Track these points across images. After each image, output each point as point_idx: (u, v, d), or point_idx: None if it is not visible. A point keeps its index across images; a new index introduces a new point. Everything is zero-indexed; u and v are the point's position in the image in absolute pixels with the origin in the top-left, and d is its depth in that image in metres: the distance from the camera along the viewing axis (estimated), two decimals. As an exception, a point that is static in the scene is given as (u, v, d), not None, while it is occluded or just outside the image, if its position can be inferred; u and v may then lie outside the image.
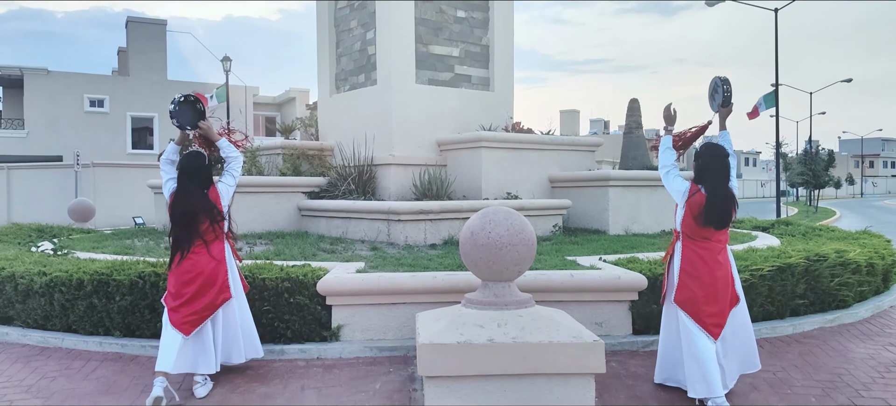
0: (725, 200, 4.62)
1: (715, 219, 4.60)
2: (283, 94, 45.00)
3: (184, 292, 4.80)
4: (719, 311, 4.62)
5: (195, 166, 4.95)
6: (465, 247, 4.59)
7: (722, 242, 4.71)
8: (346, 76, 11.43)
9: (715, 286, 4.60)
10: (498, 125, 10.78)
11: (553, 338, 4.24)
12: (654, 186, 10.27)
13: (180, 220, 4.86)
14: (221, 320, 4.93)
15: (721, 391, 4.45)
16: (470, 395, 4.21)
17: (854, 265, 6.81)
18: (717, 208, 4.59)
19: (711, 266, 4.61)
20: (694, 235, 4.68)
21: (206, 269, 4.84)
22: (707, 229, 4.61)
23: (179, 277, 4.85)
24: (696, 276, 4.64)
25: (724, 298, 4.65)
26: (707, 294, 4.60)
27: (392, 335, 5.71)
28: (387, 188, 9.94)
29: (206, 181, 4.98)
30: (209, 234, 4.90)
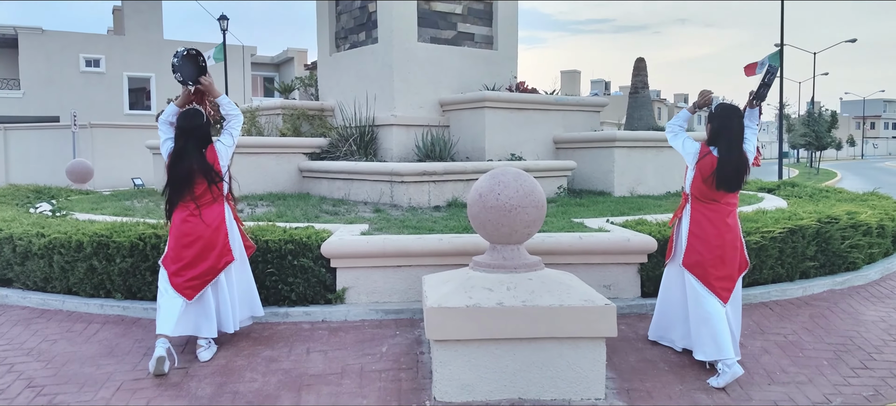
0: (739, 163, 4.52)
1: (726, 181, 4.52)
2: (280, 53, 44.52)
3: (184, 256, 4.72)
4: (728, 274, 4.57)
5: (193, 125, 4.80)
6: (473, 209, 4.48)
7: (731, 205, 4.63)
8: (345, 34, 11.21)
9: (723, 249, 4.55)
10: (501, 85, 10.59)
11: (564, 301, 4.16)
12: (659, 147, 10.13)
13: (177, 181, 4.74)
14: (224, 283, 4.84)
15: (732, 353, 4.40)
16: (478, 359, 4.15)
17: (865, 227, 6.71)
18: (730, 171, 4.50)
19: (720, 229, 4.55)
20: (703, 198, 4.61)
21: (206, 232, 4.75)
22: (717, 192, 4.54)
23: (179, 240, 4.76)
24: (705, 238, 4.58)
25: (733, 262, 4.59)
26: (715, 257, 4.55)
27: (397, 298, 5.64)
28: (389, 149, 9.80)
29: (203, 140, 4.83)
30: (207, 196, 4.78)
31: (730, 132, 4.56)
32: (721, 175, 4.49)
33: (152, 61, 35.34)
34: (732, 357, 4.38)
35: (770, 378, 4.52)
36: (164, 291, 4.71)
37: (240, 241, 5.01)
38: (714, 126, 4.64)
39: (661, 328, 5.01)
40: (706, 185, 4.56)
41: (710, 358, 4.48)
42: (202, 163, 4.76)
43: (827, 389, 4.38)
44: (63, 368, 4.62)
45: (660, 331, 5.03)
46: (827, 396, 4.29)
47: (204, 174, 4.74)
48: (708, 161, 4.57)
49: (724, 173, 4.49)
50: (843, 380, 4.52)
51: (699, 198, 4.64)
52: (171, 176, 4.76)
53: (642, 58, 11.21)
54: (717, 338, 4.39)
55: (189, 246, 4.73)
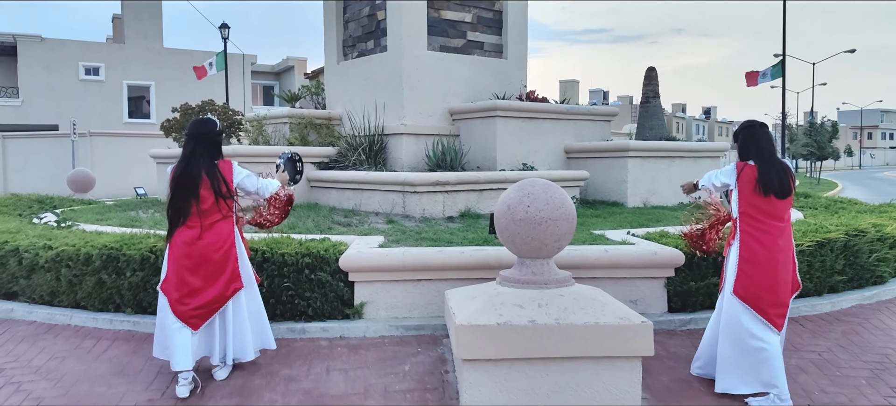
0: (779, 168, 4.30)
1: (773, 184, 4.24)
2: (281, 62, 44.43)
3: (188, 281, 4.31)
4: (782, 300, 4.26)
5: (204, 131, 4.44)
6: (501, 222, 4.31)
7: (784, 224, 4.30)
8: (353, 42, 11.06)
9: (776, 272, 4.23)
10: (512, 94, 10.45)
11: (599, 319, 3.99)
12: (672, 157, 10.00)
13: (182, 190, 4.31)
14: (231, 312, 4.49)
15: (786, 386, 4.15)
16: (509, 380, 3.97)
17: (892, 240, 6.57)
18: (771, 174, 4.26)
19: (772, 250, 4.23)
20: (754, 213, 4.27)
21: (214, 256, 4.32)
22: (768, 199, 4.22)
23: (180, 262, 4.31)
24: (755, 261, 4.24)
25: (787, 286, 4.30)
26: (769, 282, 4.22)
27: (418, 313, 5.46)
28: (398, 159, 9.64)
29: (215, 148, 4.47)
30: (215, 212, 4.34)
31: (757, 143, 4.36)
32: (765, 180, 4.24)
33: (152, 69, 35.17)
34: (786, 390, 4.14)
35: (809, 398, 4.35)
36: (170, 324, 4.31)
37: (249, 266, 4.65)
38: (740, 143, 4.45)
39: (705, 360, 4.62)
40: (755, 195, 4.27)
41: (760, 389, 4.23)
42: (211, 170, 4.36)
43: (869, 410, 4.21)
44: (73, 388, 4.43)
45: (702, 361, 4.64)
46: (870, 418, 4.12)
47: (212, 183, 4.33)
48: (748, 171, 4.33)
49: (767, 178, 4.24)
50: (884, 400, 4.35)
51: (750, 214, 4.29)
52: (175, 184, 4.35)
53: (653, 67, 11.08)
54: (776, 369, 4.13)
55: (194, 270, 4.31)
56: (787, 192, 4.26)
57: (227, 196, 4.41)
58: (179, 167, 4.40)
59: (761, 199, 4.25)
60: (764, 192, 4.24)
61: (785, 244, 4.30)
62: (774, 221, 4.27)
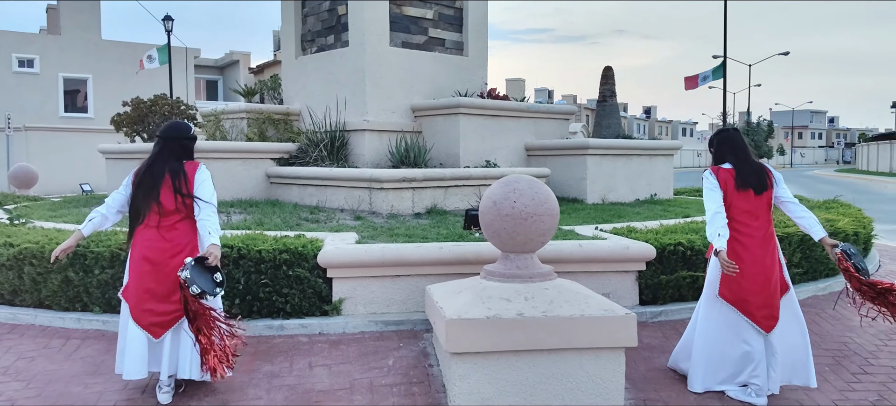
0: (755, 167, 4.42)
1: (751, 178, 4.32)
2: (224, 56, 43.55)
3: (149, 287, 4.04)
4: (769, 301, 4.30)
5: (174, 134, 4.25)
6: (487, 217, 4.37)
7: (766, 222, 4.38)
8: (312, 37, 10.96)
9: (763, 274, 4.28)
10: (473, 91, 10.53)
11: (584, 311, 4.09)
12: (629, 155, 10.25)
13: (145, 187, 4.10)
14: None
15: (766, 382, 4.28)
16: (498, 372, 4.04)
17: (843, 234, 6.89)
18: (748, 172, 4.36)
19: (755, 252, 4.29)
20: (736, 214, 4.32)
21: (176, 258, 4.03)
22: (747, 196, 4.31)
23: (139, 267, 4.06)
24: (741, 265, 4.22)
25: (775, 287, 4.33)
26: (754, 283, 4.27)
27: (396, 308, 5.47)
28: (361, 155, 9.61)
29: (183, 151, 4.25)
30: (175, 212, 4.10)
31: (731, 146, 4.47)
32: (743, 178, 4.33)
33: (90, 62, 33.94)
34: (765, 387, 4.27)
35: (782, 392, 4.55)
36: (130, 331, 4.06)
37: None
38: (715, 149, 4.55)
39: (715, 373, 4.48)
40: (735, 195, 4.33)
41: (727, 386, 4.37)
42: (175, 172, 4.14)
43: (834, 395, 4.43)
44: (47, 388, 4.30)
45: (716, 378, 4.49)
46: (835, 402, 4.34)
47: (173, 182, 4.10)
48: (724, 172, 4.41)
49: (745, 175, 4.33)
50: (847, 385, 4.59)
51: (731, 217, 4.32)
52: (137, 183, 4.14)
53: (610, 66, 11.34)
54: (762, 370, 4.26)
55: (152, 276, 4.04)
56: (764, 187, 4.36)
57: (187, 196, 4.14)
58: (143, 166, 4.22)
59: (740, 197, 4.32)
60: (743, 187, 4.32)
61: (770, 245, 4.35)
62: (756, 222, 4.32)
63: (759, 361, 4.28)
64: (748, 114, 43.08)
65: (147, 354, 4.08)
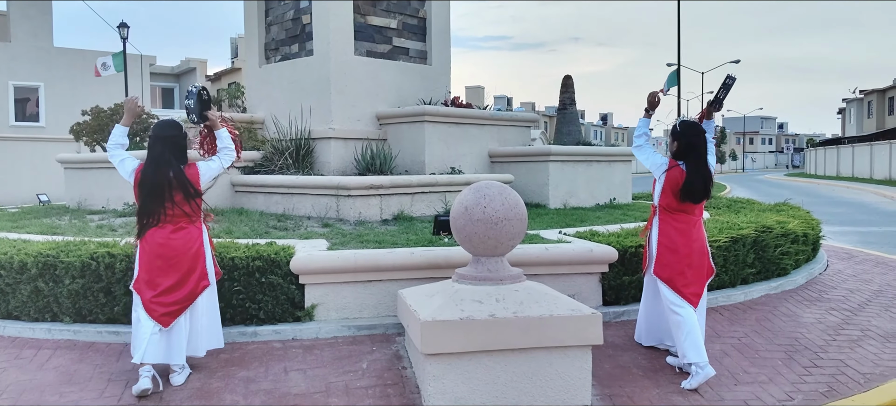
0: (706, 177, 4.80)
1: (695, 194, 4.79)
2: (181, 63, 42.93)
3: (161, 281, 4.44)
4: (696, 280, 4.84)
5: (171, 135, 4.56)
6: (458, 222, 4.52)
7: (697, 215, 4.92)
8: (276, 46, 10.99)
9: (691, 257, 4.82)
10: (437, 99, 10.69)
11: (553, 311, 4.26)
12: (589, 162, 10.52)
13: (152, 192, 4.45)
14: (198, 307, 4.61)
15: (705, 356, 4.65)
16: (471, 372, 4.18)
17: (793, 235, 7.23)
18: (699, 185, 4.77)
19: (688, 238, 4.83)
20: (671, 209, 4.87)
21: (186, 255, 4.50)
22: (685, 203, 4.81)
23: (152, 263, 4.45)
24: (674, 249, 4.84)
25: (701, 270, 4.88)
26: (684, 266, 4.80)
27: (368, 313, 5.58)
28: (326, 163, 9.68)
29: (182, 153, 4.61)
30: (185, 213, 4.52)
31: (697, 149, 4.82)
32: (690, 189, 4.77)
33: (41, 70, 33.14)
34: (706, 360, 4.62)
35: (735, 379, 4.80)
36: (143, 321, 4.41)
37: (212, 264, 4.76)
38: (681, 144, 4.87)
39: (658, 332, 5.22)
40: (675, 198, 4.82)
41: (688, 360, 4.67)
42: (180, 174, 4.52)
43: (787, 387, 4.68)
44: (21, 398, 4.30)
45: (657, 335, 5.25)
46: (789, 394, 4.59)
47: (181, 187, 4.49)
48: (676, 173, 4.80)
49: (693, 187, 4.76)
50: (798, 378, 4.85)
51: (667, 209, 4.89)
52: (146, 186, 4.48)
53: (569, 75, 11.63)
54: (694, 342, 4.62)
55: (167, 271, 4.45)
56: (705, 198, 4.85)
57: (196, 196, 4.60)
58: (149, 170, 4.51)
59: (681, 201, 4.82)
60: (687, 199, 4.79)
61: (698, 234, 4.89)
62: (690, 215, 4.86)
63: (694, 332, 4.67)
64: (701, 120, 44.10)
65: (150, 342, 4.39)
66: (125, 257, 5.26)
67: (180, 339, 4.52)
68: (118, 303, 5.29)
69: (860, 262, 9.17)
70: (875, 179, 39.55)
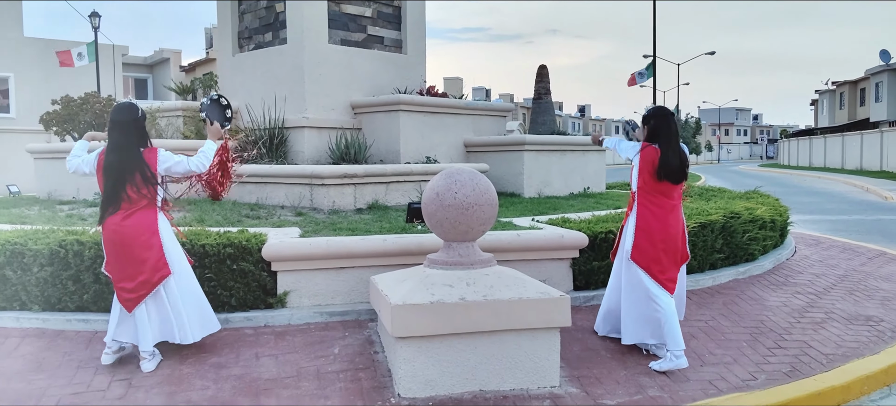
0: (681, 155, 4.81)
1: (671, 170, 4.74)
2: (154, 54, 42.37)
3: (117, 266, 4.51)
4: (671, 267, 4.85)
5: (127, 119, 4.54)
6: (429, 207, 4.55)
7: (676, 201, 4.89)
8: (250, 35, 10.92)
9: (667, 243, 4.81)
10: (412, 88, 10.70)
11: (522, 295, 4.32)
12: (563, 151, 10.60)
13: (111, 176, 4.45)
14: (165, 296, 4.58)
15: (682, 343, 4.70)
16: (441, 354, 4.23)
17: (761, 221, 7.36)
18: (673, 161, 4.74)
19: (664, 224, 4.80)
20: (649, 190, 4.80)
21: (137, 240, 4.46)
22: (663, 184, 4.76)
23: (109, 249, 4.53)
24: (650, 233, 4.80)
25: (675, 254, 4.89)
26: (660, 251, 4.79)
27: (341, 299, 5.60)
28: (300, 152, 9.65)
29: (140, 136, 4.59)
30: (140, 198, 4.48)
31: (667, 129, 4.85)
32: (665, 164, 4.71)
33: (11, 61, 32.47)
34: (682, 349, 4.67)
35: (701, 360, 4.89)
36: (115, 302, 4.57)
37: (181, 253, 4.73)
38: (651, 126, 4.92)
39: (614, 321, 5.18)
40: (652, 177, 4.76)
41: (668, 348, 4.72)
42: (138, 157, 4.50)
43: (751, 368, 4.79)
44: (-12, 387, 4.26)
45: (611, 324, 5.21)
46: (752, 374, 4.69)
47: (139, 170, 4.46)
48: (650, 151, 4.79)
49: (668, 163, 4.72)
50: (762, 359, 4.96)
51: (645, 191, 4.81)
52: (106, 172, 4.48)
53: (544, 65, 11.68)
54: (672, 330, 4.65)
55: (120, 257, 4.48)
56: (682, 179, 4.82)
57: (152, 183, 4.54)
58: (110, 156, 4.50)
59: (658, 181, 4.77)
60: (664, 177, 4.74)
61: (675, 220, 4.87)
62: (668, 199, 4.82)
63: (671, 321, 4.69)
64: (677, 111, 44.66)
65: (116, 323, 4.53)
66: (94, 245, 5.22)
67: (145, 326, 4.50)
68: (87, 290, 5.26)
69: (827, 248, 9.36)
70: (846, 170, 40.23)
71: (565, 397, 4.25)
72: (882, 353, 5.10)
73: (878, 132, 38.03)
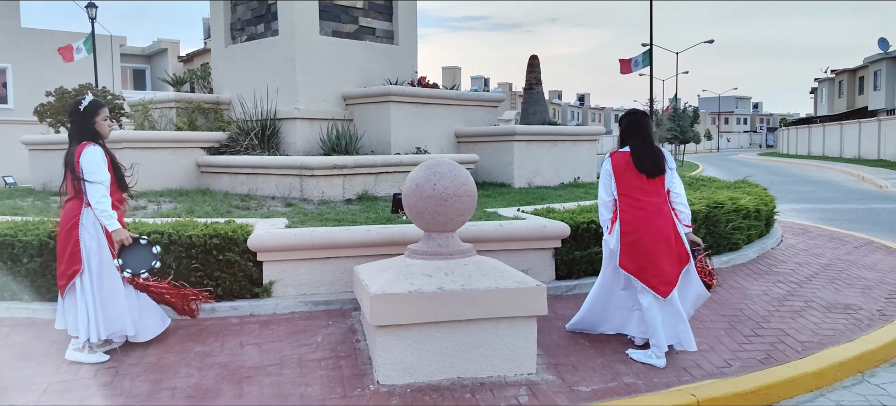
0: (655, 151, 4.80)
1: (646, 164, 4.68)
2: (152, 44, 42.38)
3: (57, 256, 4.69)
4: (665, 270, 4.64)
5: (72, 112, 4.68)
6: (409, 199, 4.63)
7: (658, 199, 4.73)
8: (242, 26, 10.97)
9: (658, 246, 4.63)
10: (404, 79, 10.75)
11: (499, 284, 4.41)
12: (553, 141, 10.67)
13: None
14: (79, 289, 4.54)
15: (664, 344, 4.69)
16: (420, 343, 4.32)
17: (745, 211, 7.45)
18: (646, 155, 4.72)
19: (650, 225, 4.65)
20: (631, 192, 4.69)
21: (62, 229, 4.59)
22: (640, 178, 4.69)
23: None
24: (637, 238, 4.65)
25: (670, 258, 4.68)
26: (651, 256, 4.62)
27: (325, 289, 5.69)
28: (292, 143, 9.73)
29: (79, 130, 4.61)
30: (69, 189, 4.57)
31: (637, 129, 4.81)
32: (636, 159, 4.69)
33: (9, 52, 32.56)
34: (664, 350, 4.69)
35: (677, 348, 4.98)
36: None
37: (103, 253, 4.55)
38: (622, 127, 4.88)
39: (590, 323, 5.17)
40: (628, 175, 4.70)
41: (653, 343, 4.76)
42: (71, 151, 4.58)
43: (726, 355, 4.88)
44: (-23, 375, 4.36)
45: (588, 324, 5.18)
46: (727, 361, 4.78)
47: (69, 164, 4.55)
48: (618, 156, 4.79)
49: (639, 157, 4.69)
50: (738, 346, 5.05)
51: (627, 195, 4.71)
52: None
53: (535, 55, 11.72)
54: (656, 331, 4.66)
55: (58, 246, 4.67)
56: (657, 172, 4.72)
57: (75, 178, 4.53)
58: None
59: (635, 178, 4.70)
60: (638, 170, 4.70)
61: (664, 220, 4.70)
62: (651, 198, 4.69)
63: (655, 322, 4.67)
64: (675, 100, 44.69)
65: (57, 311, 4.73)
66: (83, 236, 5.30)
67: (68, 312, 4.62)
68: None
69: (815, 237, 9.45)
70: (844, 158, 40.30)
71: (541, 384, 4.34)
72: (857, 340, 5.19)
73: (876, 121, 38.08)
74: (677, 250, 4.76)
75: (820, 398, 4.53)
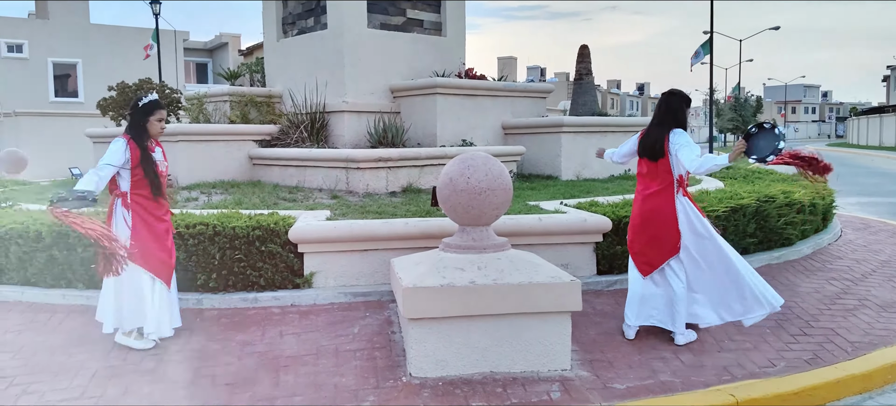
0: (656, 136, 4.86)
1: (645, 148, 4.91)
2: (214, 39, 43.51)
3: None
4: (644, 249, 4.88)
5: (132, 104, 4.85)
6: (443, 192, 4.64)
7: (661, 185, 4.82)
8: (293, 20, 11.16)
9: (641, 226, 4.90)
10: (451, 71, 10.76)
11: (532, 278, 4.38)
12: (603, 132, 10.50)
13: None
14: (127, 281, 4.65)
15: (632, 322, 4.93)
16: (452, 336, 4.34)
17: (798, 205, 7.19)
18: (646, 136, 4.92)
19: (637, 202, 4.96)
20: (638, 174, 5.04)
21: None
22: (643, 162, 4.93)
23: None
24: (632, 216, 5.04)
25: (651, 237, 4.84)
26: (633, 229, 4.97)
27: (364, 281, 5.76)
28: (340, 136, 9.85)
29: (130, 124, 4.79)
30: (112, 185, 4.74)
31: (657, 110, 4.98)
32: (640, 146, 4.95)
33: (79, 47, 33.93)
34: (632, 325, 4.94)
35: (719, 346, 4.87)
36: None
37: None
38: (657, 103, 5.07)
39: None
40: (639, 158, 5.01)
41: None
42: None
43: (771, 354, 4.74)
44: (33, 358, 4.59)
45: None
46: (771, 360, 4.65)
47: None
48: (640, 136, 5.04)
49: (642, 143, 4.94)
50: (784, 346, 4.90)
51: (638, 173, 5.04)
52: None
53: (585, 45, 11.56)
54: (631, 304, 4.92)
55: None
56: (656, 156, 4.82)
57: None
58: None
59: (641, 161, 4.98)
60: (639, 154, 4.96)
61: (653, 206, 4.83)
62: (649, 182, 4.89)
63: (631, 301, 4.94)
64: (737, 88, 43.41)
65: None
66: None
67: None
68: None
69: (875, 232, 9.06)
70: (918, 149, 38.44)
71: (575, 380, 4.31)
72: (911, 341, 4.97)
73: (954, 109, 36.17)
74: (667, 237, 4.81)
75: (867, 401, 4.38)
